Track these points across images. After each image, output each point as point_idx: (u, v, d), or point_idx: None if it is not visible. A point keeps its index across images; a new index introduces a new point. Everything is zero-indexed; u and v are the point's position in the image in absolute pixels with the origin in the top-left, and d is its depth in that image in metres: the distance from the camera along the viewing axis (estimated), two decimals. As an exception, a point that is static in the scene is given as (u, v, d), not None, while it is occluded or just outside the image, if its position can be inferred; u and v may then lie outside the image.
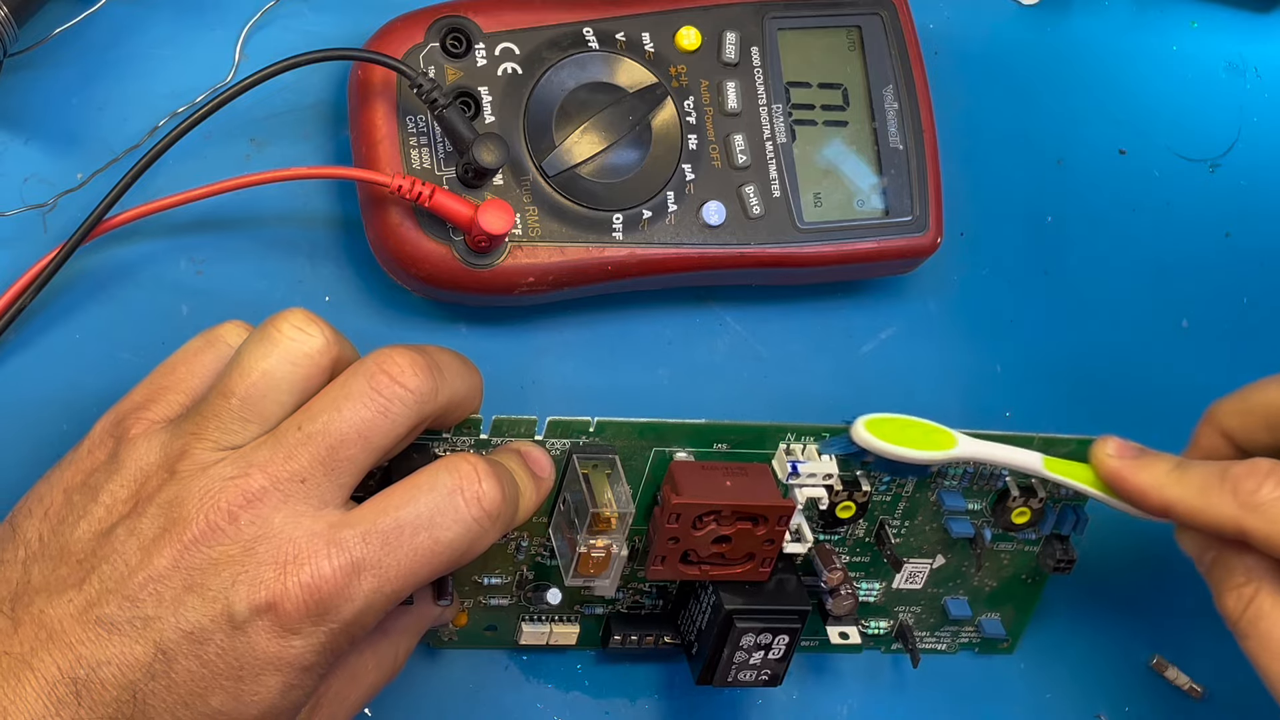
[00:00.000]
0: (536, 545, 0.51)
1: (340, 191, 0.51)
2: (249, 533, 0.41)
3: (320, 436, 0.42)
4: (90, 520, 0.43)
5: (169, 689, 0.41)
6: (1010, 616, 0.59)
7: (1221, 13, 0.61)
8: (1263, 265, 0.62)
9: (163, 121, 0.49)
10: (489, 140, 0.48)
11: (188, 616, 0.41)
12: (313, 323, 0.43)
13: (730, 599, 0.51)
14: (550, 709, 0.56)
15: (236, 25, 0.50)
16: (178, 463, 0.42)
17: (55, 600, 0.41)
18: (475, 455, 0.44)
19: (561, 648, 0.55)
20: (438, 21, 0.50)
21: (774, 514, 0.50)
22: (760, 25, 0.53)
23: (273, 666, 0.41)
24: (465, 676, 0.55)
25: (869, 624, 0.57)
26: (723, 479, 0.50)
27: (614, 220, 0.51)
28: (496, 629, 0.53)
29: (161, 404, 0.45)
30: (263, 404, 0.43)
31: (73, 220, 0.47)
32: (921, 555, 0.56)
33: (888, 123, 0.54)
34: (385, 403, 0.42)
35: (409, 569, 0.42)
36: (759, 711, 0.58)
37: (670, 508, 0.49)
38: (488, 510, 0.43)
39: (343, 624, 0.42)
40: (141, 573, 0.41)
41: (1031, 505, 0.55)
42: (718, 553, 0.50)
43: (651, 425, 0.50)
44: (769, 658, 0.51)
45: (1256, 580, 0.48)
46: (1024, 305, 0.59)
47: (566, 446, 0.49)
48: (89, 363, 0.48)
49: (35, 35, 0.48)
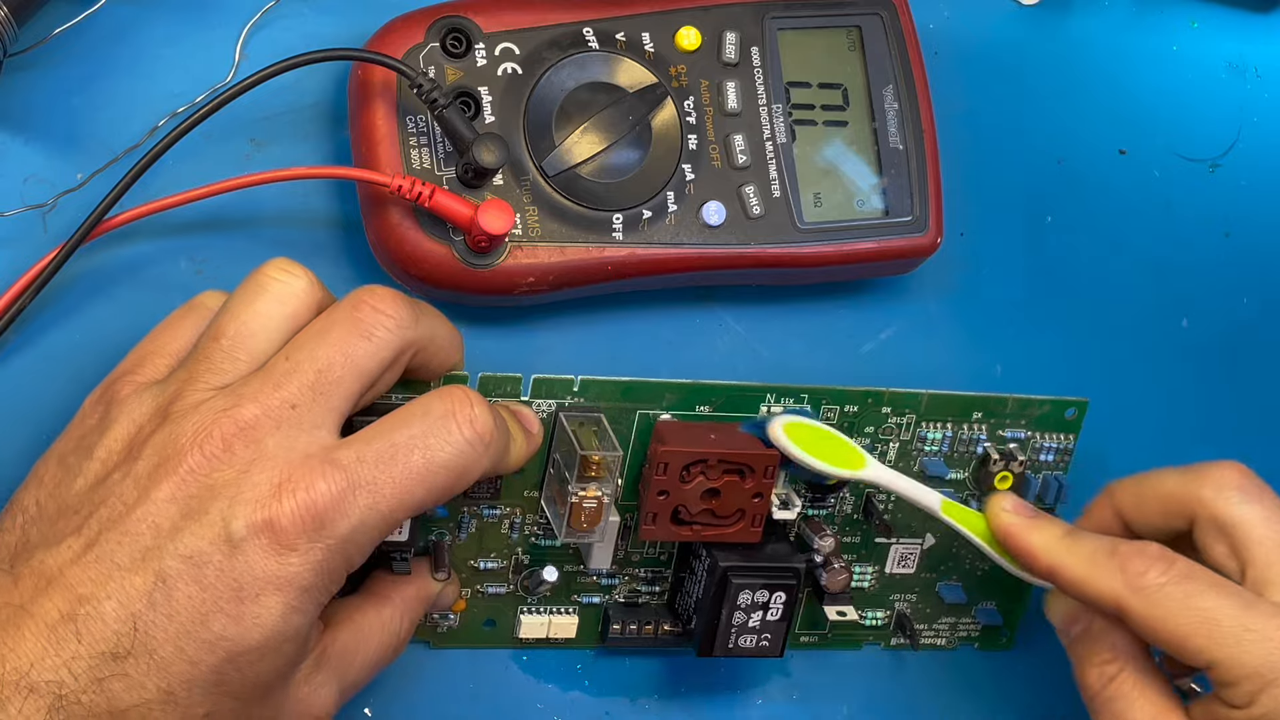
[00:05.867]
0: (530, 525, 0.52)
1: (340, 191, 0.51)
2: (244, 458, 0.42)
3: (307, 362, 0.43)
4: (86, 476, 0.43)
5: (170, 617, 0.41)
6: (1007, 606, 0.59)
7: (1221, 13, 0.61)
8: (1263, 265, 0.62)
9: (163, 121, 0.49)
10: (489, 140, 0.48)
11: (186, 542, 0.41)
12: (296, 266, 0.45)
13: (725, 556, 0.52)
14: (550, 709, 0.56)
15: (236, 25, 0.50)
16: (170, 405, 0.43)
17: (54, 550, 0.42)
18: (466, 387, 0.45)
19: (561, 643, 0.55)
20: (438, 21, 0.50)
21: (760, 464, 0.50)
22: (760, 25, 0.53)
23: (272, 586, 0.41)
24: (465, 676, 0.55)
25: (866, 614, 0.57)
26: (707, 433, 0.51)
27: (614, 220, 0.51)
28: (495, 624, 0.54)
29: (148, 367, 0.46)
30: (251, 342, 0.44)
31: (73, 220, 0.47)
32: (911, 535, 0.56)
33: (888, 123, 0.54)
34: (368, 327, 0.44)
35: (404, 487, 0.43)
36: (759, 711, 0.58)
37: (658, 457, 0.50)
38: (480, 433, 0.44)
39: (339, 540, 0.42)
40: (139, 508, 0.42)
41: (1012, 470, 0.56)
42: (708, 509, 0.51)
43: (634, 384, 0.51)
44: (767, 619, 0.52)
45: (1122, 660, 0.50)
46: (1024, 305, 0.59)
47: (553, 408, 0.51)
48: (89, 363, 0.48)
49: (35, 35, 0.48)
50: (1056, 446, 0.57)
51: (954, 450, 0.56)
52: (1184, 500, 0.51)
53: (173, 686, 0.41)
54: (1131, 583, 0.48)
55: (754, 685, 0.58)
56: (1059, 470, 0.57)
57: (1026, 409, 0.55)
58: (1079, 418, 0.57)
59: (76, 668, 0.40)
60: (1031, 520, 0.51)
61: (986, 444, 0.56)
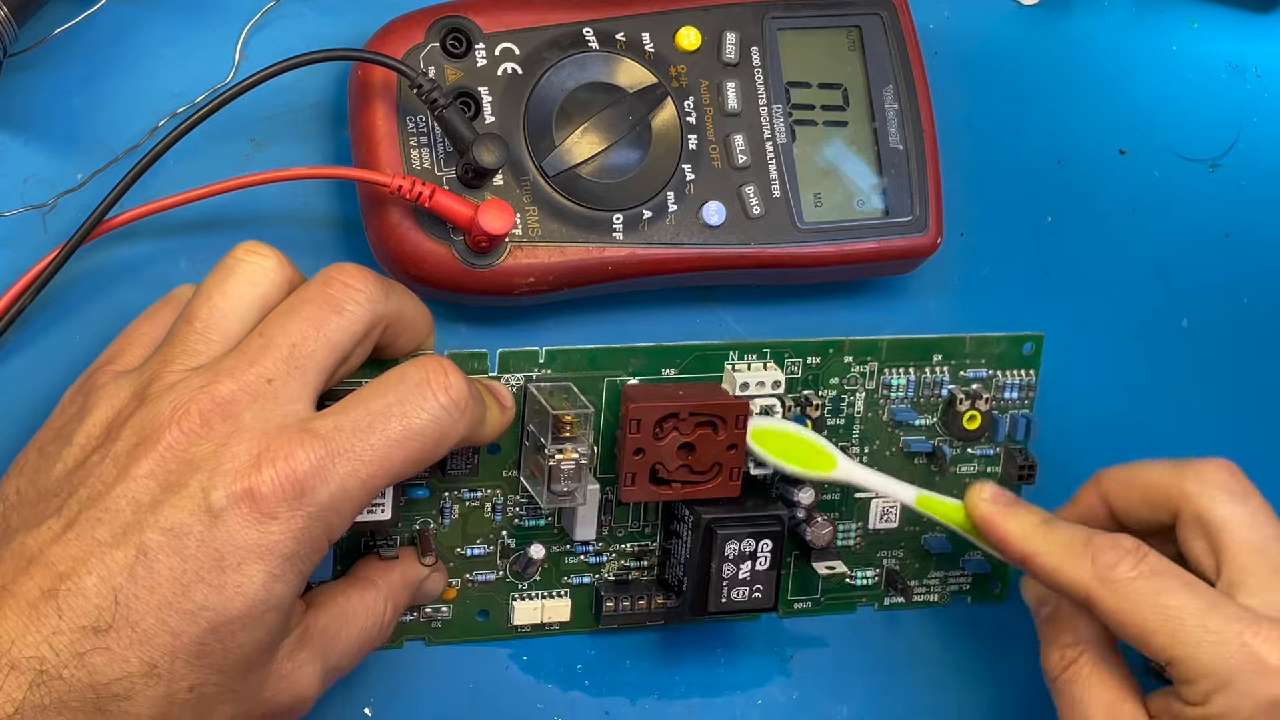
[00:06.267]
0: (512, 506, 0.53)
1: (340, 191, 0.51)
2: (222, 432, 0.42)
3: (281, 337, 0.44)
4: (65, 461, 0.44)
5: (151, 589, 0.41)
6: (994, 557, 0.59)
7: (1221, 13, 0.61)
8: (1263, 265, 0.62)
9: (163, 121, 0.49)
10: (489, 140, 0.48)
11: (167, 515, 0.41)
12: (264, 246, 0.46)
13: (708, 511, 0.52)
14: (550, 708, 0.56)
15: (236, 25, 0.50)
16: (147, 388, 0.43)
17: (35, 532, 0.42)
18: (441, 356, 0.46)
19: (557, 628, 0.55)
20: (438, 22, 0.50)
21: (730, 413, 0.51)
22: (760, 25, 0.53)
23: (254, 554, 0.42)
24: (465, 676, 0.55)
25: (856, 574, 0.58)
26: (676, 391, 0.52)
27: (614, 220, 0.51)
28: (489, 614, 0.54)
29: (126, 356, 0.46)
30: (224, 323, 0.44)
31: (73, 220, 0.47)
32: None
33: (888, 123, 0.54)
34: (339, 301, 0.44)
35: (382, 453, 0.43)
36: (759, 711, 0.58)
37: (630, 414, 0.50)
38: (455, 399, 0.45)
39: (319, 508, 0.42)
40: (119, 485, 0.42)
41: (979, 409, 0.57)
42: (685, 465, 0.51)
43: (599, 351, 0.52)
44: (756, 568, 0.53)
45: (1083, 645, 0.51)
46: (1024, 305, 0.59)
47: (522, 380, 0.52)
48: (89, 363, 0.48)
49: (35, 35, 0.48)
50: (1019, 383, 0.58)
51: (919, 395, 0.57)
52: (1169, 493, 0.52)
53: (155, 659, 0.41)
54: (1101, 574, 0.49)
55: (754, 666, 0.58)
56: (1024, 409, 0.58)
57: (985, 347, 0.57)
58: (1036, 353, 0.58)
59: (58, 643, 0.40)
60: (1009, 509, 0.52)
61: (950, 385, 0.57)
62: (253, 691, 0.43)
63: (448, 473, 0.52)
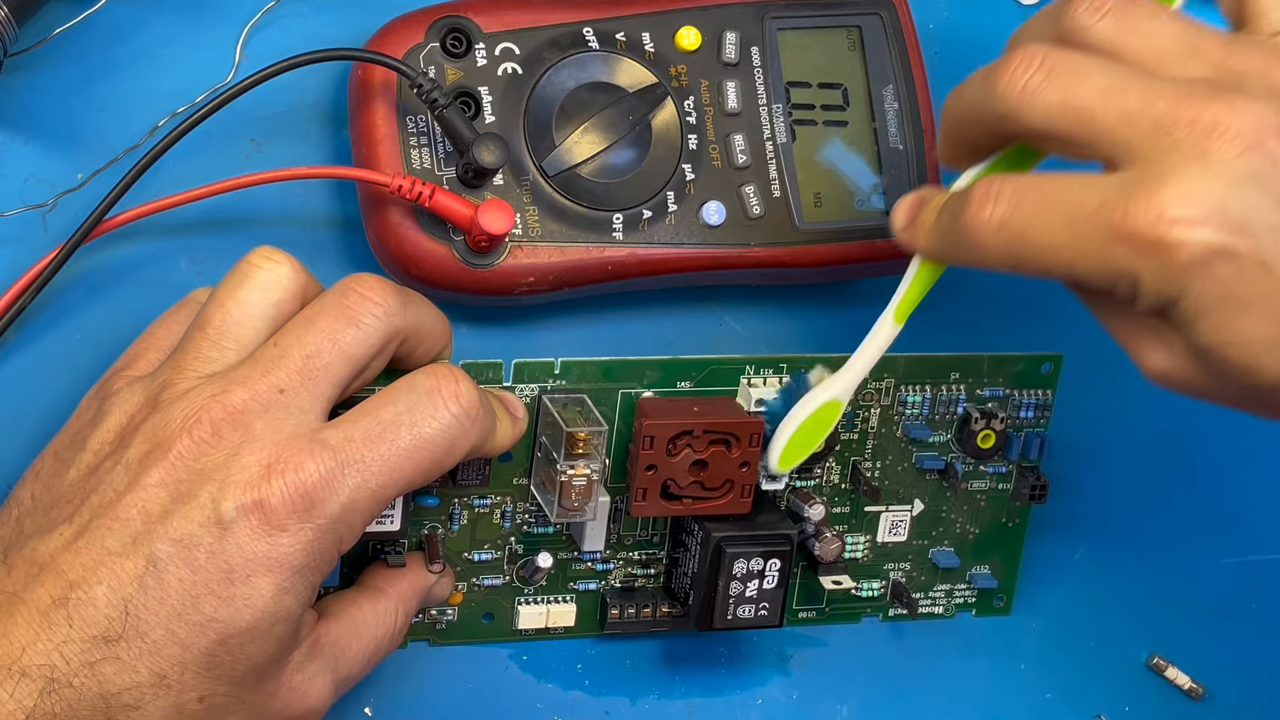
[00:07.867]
0: (521, 513, 0.53)
1: (340, 191, 0.51)
2: (232, 441, 0.42)
3: (295, 348, 0.43)
4: (78, 466, 0.44)
5: (160, 600, 0.41)
6: (1000, 568, 0.59)
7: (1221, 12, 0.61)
8: (1262, 265, 0.62)
9: (163, 121, 0.49)
10: (489, 140, 0.48)
11: (176, 525, 0.41)
12: (280, 253, 0.45)
13: (717, 528, 0.52)
14: (550, 708, 0.56)
15: (236, 25, 0.50)
16: (160, 394, 0.43)
17: (46, 538, 0.42)
18: (451, 364, 0.45)
19: (561, 633, 0.55)
20: (438, 21, 0.50)
21: (744, 431, 0.51)
22: (760, 25, 0.53)
23: (263, 567, 0.41)
24: (465, 676, 0.55)
25: (862, 586, 0.58)
26: (690, 406, 0.51)
27: (614, 220, 0.51)
28: (494, 617, 0.54)
29: (141, 362, 0.46)
30: (238, 330, 0.44)
31: (73, 220, 0.47)
32: (900, 501, 0.57)
33: (888, 123, 0.54)
34: (356, 314, 0.44)
35: (392, 464, 0.43)
36: (759, 711, 0.58)
37: (643, 431, 0.50)
38: (465, 408, 0.44)
39: (329, 520, 0.42)
40: (129, 494, 0.42)
41: (994, 428, 0.56)
42: (696, 481, 0.51)
43: (614, 364, 0.52)
44: (764, 587, 0.52)
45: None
46: (1024, 305, 0.59)
47: (536, 392, 0.51)
48: (89, 363, 0.48)
49: (35, 35, 0.48)
50: (1035, 402, 0.57)
51: (934, 412, 0.56)
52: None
53: (164, 669, 0.41)
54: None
55: (755, 667, 0.58)
56: (1039, 428, 0.57)
57: (1003, 366, 0.56)
58: (1055, 372, 0.57)
59: (68, 651, 0.40)
60: (911, 226, 0.47)
61: (966, 404, 0.56)
62: (263, 703, 0.43)
63: (459, 483, 0.51)
